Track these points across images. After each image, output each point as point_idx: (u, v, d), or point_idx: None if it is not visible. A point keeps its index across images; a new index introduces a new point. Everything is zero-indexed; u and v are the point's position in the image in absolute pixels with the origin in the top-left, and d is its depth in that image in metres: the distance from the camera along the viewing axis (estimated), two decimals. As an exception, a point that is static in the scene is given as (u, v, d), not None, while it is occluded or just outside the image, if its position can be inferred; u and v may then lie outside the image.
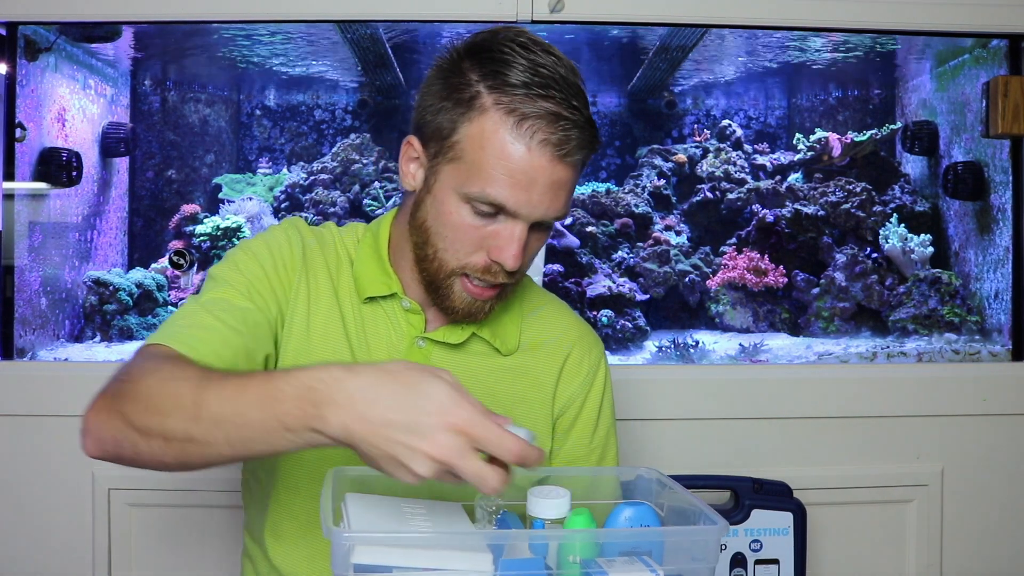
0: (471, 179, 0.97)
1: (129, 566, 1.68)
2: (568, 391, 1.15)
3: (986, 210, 2.02)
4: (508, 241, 0.98)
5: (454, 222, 0.99)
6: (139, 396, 0.84)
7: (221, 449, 0.80)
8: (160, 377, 0.85)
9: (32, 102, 1.85)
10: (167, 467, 0.85)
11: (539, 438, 0.96)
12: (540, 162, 0.95)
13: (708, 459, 1.73)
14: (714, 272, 2.28)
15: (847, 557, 1.76)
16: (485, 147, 0.96)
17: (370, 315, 1.09)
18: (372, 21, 1.83)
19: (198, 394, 0.81)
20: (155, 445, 0.82)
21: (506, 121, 0.95)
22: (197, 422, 0.80)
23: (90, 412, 0.88)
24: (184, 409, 0.81)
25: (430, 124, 1.01)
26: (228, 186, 2.37)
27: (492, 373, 1.12)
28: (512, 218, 0.98)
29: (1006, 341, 1.93)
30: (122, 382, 0.87)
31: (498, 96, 0.95)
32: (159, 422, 0.82)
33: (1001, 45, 1.89)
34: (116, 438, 0.85)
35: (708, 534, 0.82)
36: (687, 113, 2.52)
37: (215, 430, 0.79)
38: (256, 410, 0.77)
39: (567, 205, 1.01)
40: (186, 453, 0.82)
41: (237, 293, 1.02)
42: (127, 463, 0.87)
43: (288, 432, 0.77)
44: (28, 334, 1.87)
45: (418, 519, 0.86)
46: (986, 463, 1.79)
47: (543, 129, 0.95)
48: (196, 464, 0.83)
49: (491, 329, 1.11)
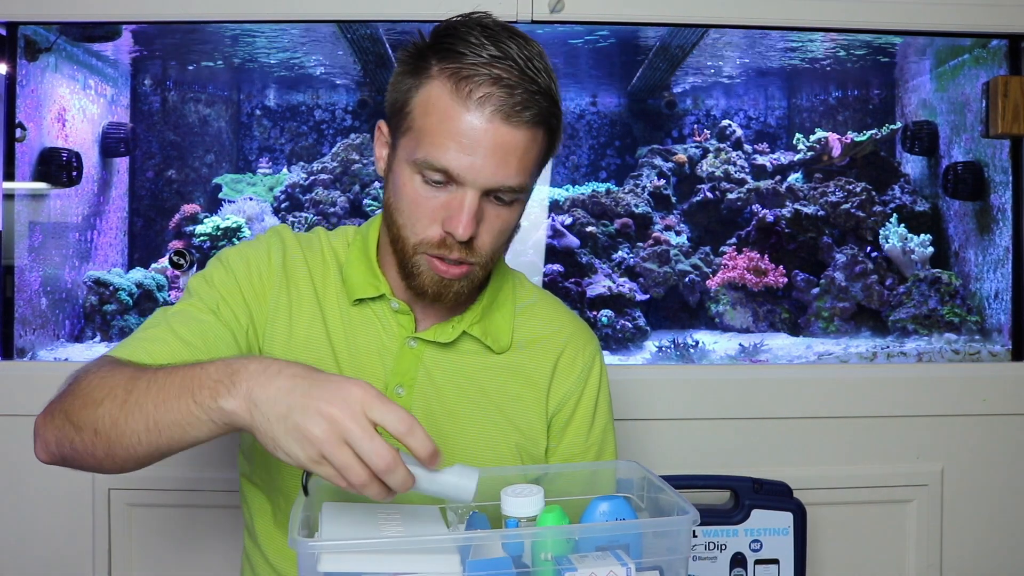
0: (419, 146, 0.97)
1: (129, 566, 1.68)
2: (562, 389, 1.14)
3: (986, 210, 2.02)
4: (457, 210, 0.97)
5: (409, 194, 0.99)
6: (78, 393, 0.87)
7: (140, 435, 0.81)
8: (99, 375, 0.88)
9: (32, 102, 1.85)
10: (99, 464, 0.87)
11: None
12: (481, 123, 0.94)
13: (708, 459, 1.73)
14: (714, 272, 2.28)
15: (847, 557, 1.76)
16: (430, 112, 0.96)
17: (360, 317, 1.09)
18: (372, 21, 1.83)
19: (130, 382, 0.84)
20: (87, 438, 0.85)
21: (448, 84, 0.95)
22: (124, 407, 0.82)
23: (38, 417, 0.91)
24: (115, 397, 0.83)
25: (392, 101, 1.02)
26: (228, 186, 2.37)
27: (485, 372, 1.11)
28: (460, 186, 0.96)
29: (1006, 341, 1.93)
30: (68, 386, 0.90)
31: (445, 64, 0.96)
32: (91, 413, 0.84)
33: (1001, 45, 1.89)
34: (57, 437, 0.88)
35: (678, 524, 0.82)
36: (687, 113, 2.52)
37: (137, 413, 0.81)
38: (176, 388, 0.80)
39: (522, 174, 0.98)
40: (111, 444, 0.83)
41: (203, 306, 1.03)
42: (71, 464, 0.90)
43: (195, 406, 0.78)
44: (28, 334, 1.87)
45: (391, 525, 0.85)
46: (986, 463, 1.79)
47: (484, 89, 0.94)
48: (120, 456, 0.84)
49: (482, 327, 1.11)
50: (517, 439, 1.11)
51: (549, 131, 1.01)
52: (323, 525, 0.84)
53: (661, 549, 0.82)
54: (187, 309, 1.03)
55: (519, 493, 0.85)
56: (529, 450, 1.12)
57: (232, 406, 0.77)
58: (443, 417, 1.08)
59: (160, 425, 0.81)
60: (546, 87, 0.97)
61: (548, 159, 1.06)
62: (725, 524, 1.61)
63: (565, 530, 0.81)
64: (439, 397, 1.08)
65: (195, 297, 1.05)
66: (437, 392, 1.08)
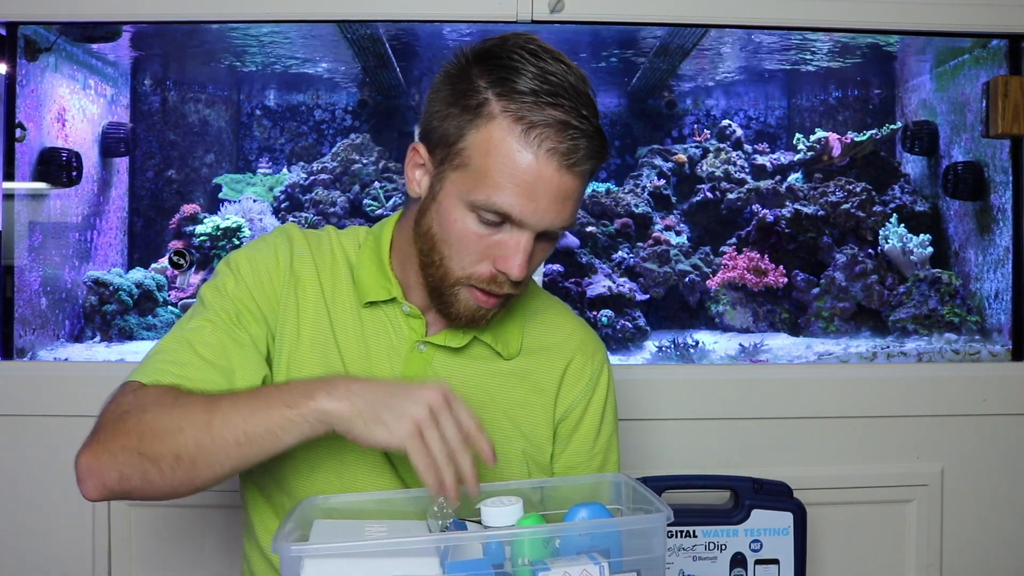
0: (477, 187, 0.96)
1: (129, 566, 1.68)
2: (570, 397, 1.14)
3: (986, 210, 2.02)
4: (514, 251, 0.97)
5: (459, 230, 0.98)
6: (144, 428, 0.90)
7: (229, 450, 0.88)
8: (164, 405, 0.92)
9: (32, 102, 1.85)
10: (175, 490, 0.91)
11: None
12: (547, 171, 0.94)
13: (708, 459, 1.73)
14: (714, 272, 2.28)
15: (847, 557, 1.76)
16: (492, 155, 0.95)
17: (371, 319, 1.08)
18: (372, 21, 1.83)
19: (209, 406, 0.90)
20: (166, 466, 0.89)
21: (514, 129, 0.94)
22: (209, 428, 0.88)
23: (85, 457, 0.93)
24: (195, 422, 0.89)
25: (437, 130, 1.00)
26: (228, 186, 2.37)
27: (493, 377, 1.11)
28: (518, 228, 0.97)
29: (1006, 341, 1.93)
30: (118, 420, 0.92)
31: (506, 103, 0.95)
32: (170, 442, 0.89)
33: (1001, 45, 1.89)
34: (123, 474, 0.91)
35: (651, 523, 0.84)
36: (687, 113, 2.52)
37: (226, 431, 0.87)
38: (264, 402, 0.89)
39: (574, 215, 1.00)
40: (195, 466, 0.89)
41: (220, 321, 1.03)
42: (134, 496, 0.93)
43: (289, 411, 0.87)
44: (28, 334, 1.87)
45: (377, 535, 0.88)
46: (986, 463, 1.79)
47: (551, 138, 0.94)
48: (203, 476, 0.89)
49: (493, 333, 1.11)
50: (524, 445, 1.11)
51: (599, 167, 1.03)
52: (312, 537, 0.86)
53: (638, 550, 0.84)
54: (205, 326, 1.03)
55: (498, 503, 0.86)
56: (535, 457, 1.12)
57: (330, 404, 0.86)
58: None
59: (251, 436, 0.88)
60: (598, 127, 0.98)
61: None
62: (725, 524, 1.61)
63: (540, 530, 0.82)
64: None
65: (210, 310, 1.04)
66: None
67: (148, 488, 0.91)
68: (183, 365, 0.99)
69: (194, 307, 1.07)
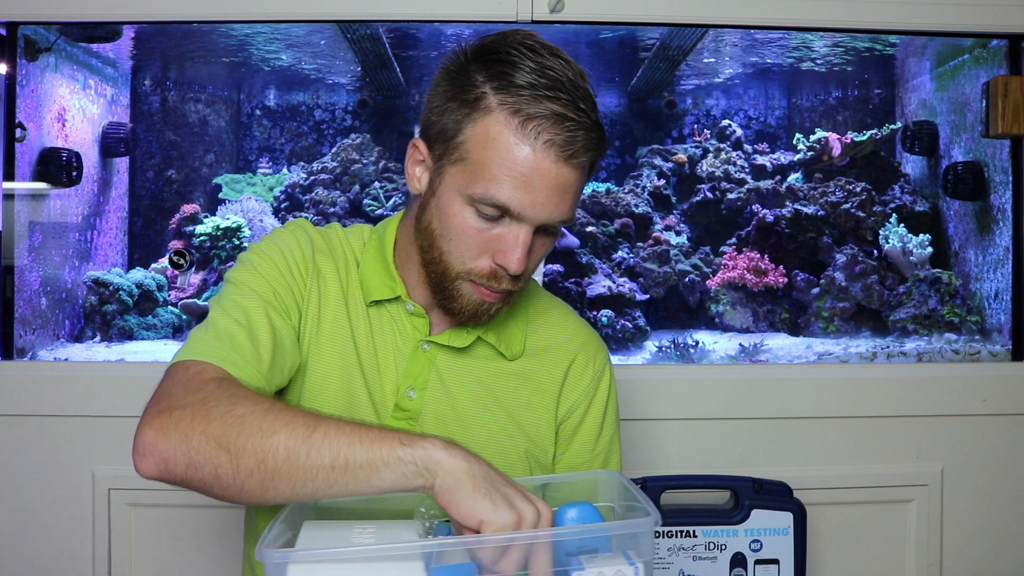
0: (475, 180, 0.96)
1: (129, 566, 1.68)
2: (572, 397, 1.14)
3: (986, 210, 2.02)
4: (513, 245, 0.97)
5: (458, 225, 0.98)
6: (236, 419, 0.84)
7: (320, 471, 0.82)
8: (259, 404, 0.86)
9: (32, 102, 1.85)
10: (240, 495, 0.85)
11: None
12: (544, 163, 0.94)
13: (708, 459, 1.73)
14: (714, 272, 2.28)
15: (847, 557, 1.76)
16: (489, 148, 0.95)
17: (375, 318, 1.09)
18: (372, 21, 1.83)
19: (312, 419, 0.84)
20: (244, 465, 0.83)
21: (511, 122, 0.94)
22: (308, 440, 0.82)
23: (151, 432, 0.86)
24: (294, 431, 0.82)
25: (435, 125, 1.00)
26: (228, 186, 2.37)
27: (496, 377, 1.11)
28: (516, 221, 0.97)
29: (1006, 341, 1.93)
30: (200, 405, 0.86)
31: (504, 97, 0.95)
32: (259, 442, 0.82)
33: (1001, 45, 1.89)
34: (192, 460, 0.84)
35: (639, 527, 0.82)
36: (687, 113, 2.52)
37: (325, 449, 0.82)
38: (375, 435, 0.83)
39: (573, 208, 1.00)
40: (277, 477, 0.82)
41: (261, 301, 1.01)
42: (193, 487, 0.87)
43: (400, 446, 0.81)
44: (28, 334, 1.87)
45: (364, 537, 0.85)
46: (986, 463, 1.79)
47: (548, 130, 0.94)
48: (279, 490, 0.83)
49: (496, 333, 1.11)
50: (526, 446, 1.11)
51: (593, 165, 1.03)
52: (299, 540, 0.85)
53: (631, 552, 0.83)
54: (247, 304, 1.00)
55: None
56: (537, 457, 1.12)
57: (447, 458, 0.80)
58: (453, 421, 1.08)
59: (350, 463, 0.81)
60: (596, 121, 0.98)
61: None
62: (725, 524, 1.61)
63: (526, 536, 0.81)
64: (450, 401, 1.08)
65: (248, 290, 1.02)
66: (448, 396, 1.08)
67: (214, 485, 0.85)
68: (247, 328, 0.97)
69: (225, 291, 1.04)
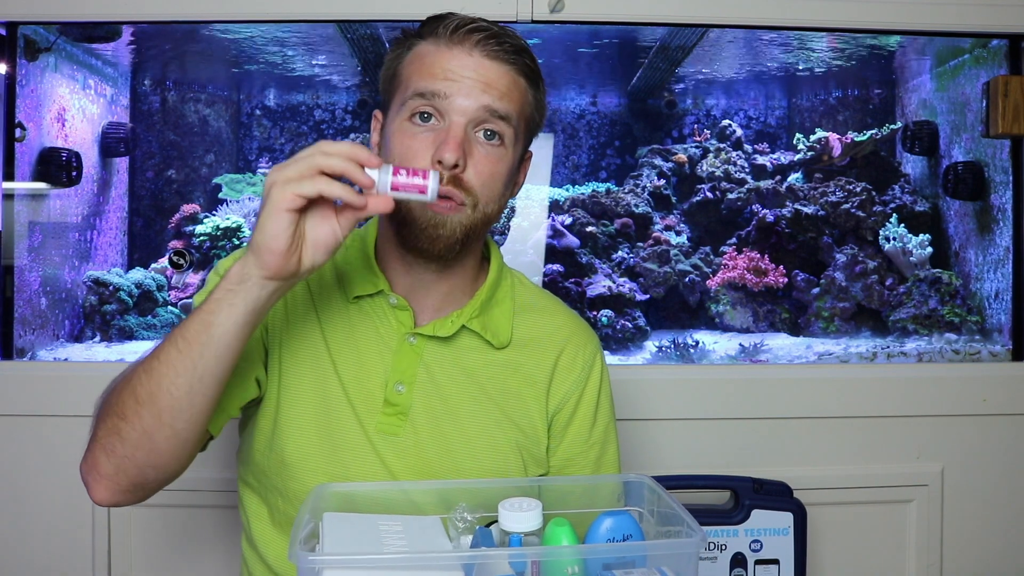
0: (407, 88, 1.04)
1: (129, 566, 1.68)
2: (563, 388, 1.14)
3: (986, 210, 2.02)
4: (444, 137, 1.01)
5: (401, 140, 1.03)
6: (107, 402, 0.94)
7: (173, 362, 0.89)
8: (124, 372, 0.95)
9: (32, 102, 1.85)
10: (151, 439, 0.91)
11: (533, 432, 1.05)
12: (469, 59, 1.02)
13: (708, 459, 1.73)
14: (714, 272, 2.28)
15: (847, 557, 1.76)
16: (416, 61, 1.04)
17: (358, 314, 1.09)
18: (372, 21, 1.83)
19: (150, 351, 0.92)
20: (130, 414, 0.90)
21: (440, 38, 1.04)
22: (152, 361, 0.90)
23: (82, 464, 0.95)
24: (140, 365, 0.91)
25: (383, 83, 1.10)
26: (228, 186, 2.37)
27: (485, 368, 1.11)
28: (446, 114, 1.01)
29: (1006, 341, 1.93)
30: (99, 412, 0.95)
31: (435, 29, 1.05)
32: (124, 392, 0.91)
33: (1001, 45, 1.89)
34: (108, 448, 0.92)
35: (686, 547, 0.81)
36: (687, 113, 2.52)
37: (163, 354, 0.90)
38: (191, 313, 0.91)
39: (505, 101, 1.03)
40: (154, 400, 0.90)
41: None
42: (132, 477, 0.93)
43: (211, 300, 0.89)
44: (28, 334, 1.87)
45: (393, 537, 0.85)
46: (986, 463, 1.79)
47: (472, 33, 1.03)
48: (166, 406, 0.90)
49: (482, 321, 1.11)
50: (518, 437, 1.10)
51: (532, 85, 1.07)
52: (324, 537, 0.84)
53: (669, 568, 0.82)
54: None
55: (517, 507, 0.84)
56: (530, 449, 1.12)
57: (239, 267, 0.88)
58: (443, 414, 1.08)
59: (188, 336, 0.89)
60: (526, 47, 1.06)
61: (535, 125, 1.11)
62: (725, 524, 1.61)
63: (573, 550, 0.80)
64: (439, 394, 1.08)
65: None
66: (437, 389, 1.08)
67: (131, 452, 0.91)
68: None
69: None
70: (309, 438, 1.05)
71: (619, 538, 0.84)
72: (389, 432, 1.05)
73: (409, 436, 1.06)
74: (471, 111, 1.01)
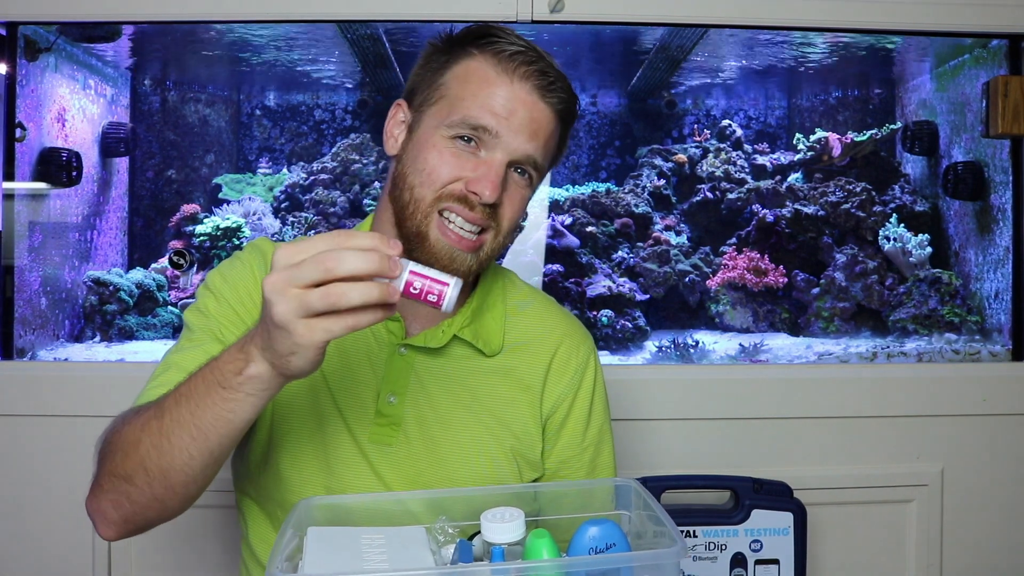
0: (454, 110, 1.01)
1: (129, 567, 1.68)
2: (556, 391, 1.13)
3: (986, 210, 2.02)
4: (486, 170, 1.00)
5: (433, 154, 1.01)
6: (115, 451, 0.90)
7: (189, 449, 0.84)
8: (125, 426, 0.90)
9: (32, 102, 1.85)
10: (163, 505, 0.89)
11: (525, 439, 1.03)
12: (521, 92, 1.01)
13: (708, 459, 1.73)
14: (714, 272, 2.28)
15: (847, 557, 1.76)
16: (469, 80, 1.02)
17: None
18: (372, 21, 1.83)
19: (157, 410, 0.87)
20: (140, 482, 0.87)
21: (491, 60, 1.02)
22: (162, 432, 0.85)
23: (88, 500, 0.93)
24: (150, 429, 0.86)
25: (419, 82, 1.07)
26: (228, 186, 2.37)
27: (476, 376, 1.10)
28: (491, 150, 1.00)
29: (1006, 341, 1.93)
30: (103, 453, 0.93)
31: (484, 46, 1.02)
32: (134, 456, 0.87)
33: (1001, 45, 1.89)
34: (114, 502, 0.90)
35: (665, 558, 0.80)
36: (687, 113, 2.52)
37: (178, 430, 0.84)
38: (203, 388, 0.84)
39: (542, 151, 1.03)
40: (166, 475, 0.86)
41: (205, 337, 1.04)
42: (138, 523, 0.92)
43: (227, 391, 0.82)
44: (28, 334, 1.87)
45: (374, 552, 0.85)
46: (986, 463, 1.79)
47: (525, 65, 1.01)
48: (179, 483, 0.87)
49: (473, 330, 1.11)
50: (512, 443, 1.10)
51: (563, 128, 1.07)
52: (307, 551, 0.84)
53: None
54: (191, 347, 1.03)
55: (499, 518, 0.83)
56: (524, 454, 1.11)
57: (257, 369, 0.81)
58: (435, 424, 1.07)
59: (203, 427, 0.84)
60: (571, 89, 1.06)
61: (553, 164, 1.11)
62: (725, 524, 1.61)
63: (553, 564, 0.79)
64: (431, 404, 1.08)
65: (195, 332, 1.06)
66: (429, 399, 1.08)
67: (141, 510, 0.89)
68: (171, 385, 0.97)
69: (181, 334, 1.08)
70: (303, 452, 1.05)
71: (603, 547, 0.83)
72: (382, 443, 1.05)
73: (402, 446, 1.06)
74: (516, 154, 1.01)
